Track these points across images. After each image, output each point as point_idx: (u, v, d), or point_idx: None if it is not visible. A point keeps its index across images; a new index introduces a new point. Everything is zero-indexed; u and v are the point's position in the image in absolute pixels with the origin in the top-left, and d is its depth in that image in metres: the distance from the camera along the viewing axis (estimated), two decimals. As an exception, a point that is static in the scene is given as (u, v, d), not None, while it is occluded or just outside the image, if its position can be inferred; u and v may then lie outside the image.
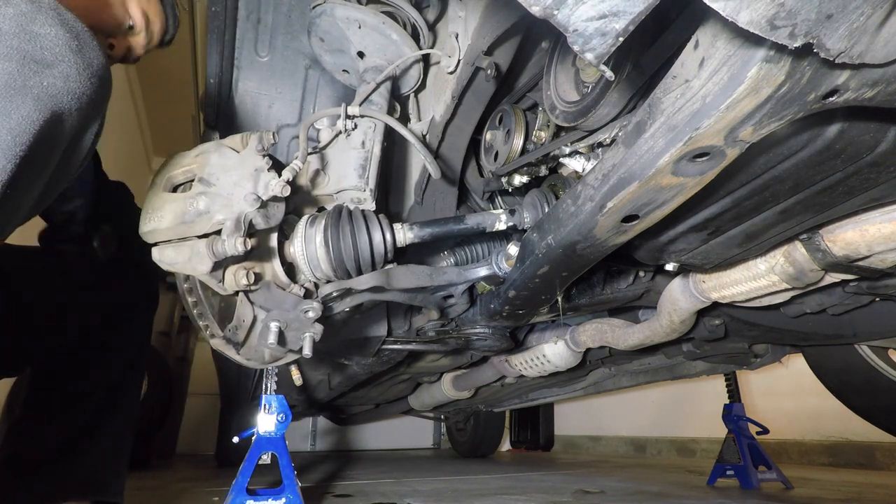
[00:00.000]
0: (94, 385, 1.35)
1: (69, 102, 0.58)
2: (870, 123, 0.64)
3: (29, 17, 0.56)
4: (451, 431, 4.38)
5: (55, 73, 0.57)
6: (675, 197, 0.71)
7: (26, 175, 0.56)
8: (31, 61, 0.55)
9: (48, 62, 0.56)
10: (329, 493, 2.00)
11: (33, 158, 0.56)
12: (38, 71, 0.55)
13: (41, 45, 0.56)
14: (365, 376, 1.90)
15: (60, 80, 0.57)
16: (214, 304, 0.96)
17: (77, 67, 0.59)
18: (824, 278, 1.04)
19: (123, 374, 1.40)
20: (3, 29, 0.54)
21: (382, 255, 1.02)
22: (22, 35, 0.55)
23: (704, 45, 0.53)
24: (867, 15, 0.40)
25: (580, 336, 1.66)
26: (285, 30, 1.32)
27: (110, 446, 1.35)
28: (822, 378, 1.93)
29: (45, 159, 0.60)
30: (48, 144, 0.58)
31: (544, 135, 1.09)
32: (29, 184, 0.59)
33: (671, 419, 4.10)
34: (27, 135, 0.54)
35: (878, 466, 2.98)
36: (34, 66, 0.55)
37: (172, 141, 5.42)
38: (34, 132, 0.55)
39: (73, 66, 0.58)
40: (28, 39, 0.55)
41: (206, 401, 4.25)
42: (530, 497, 1.92)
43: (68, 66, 0.58)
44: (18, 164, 0.54)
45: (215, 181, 0.86)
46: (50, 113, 0.56)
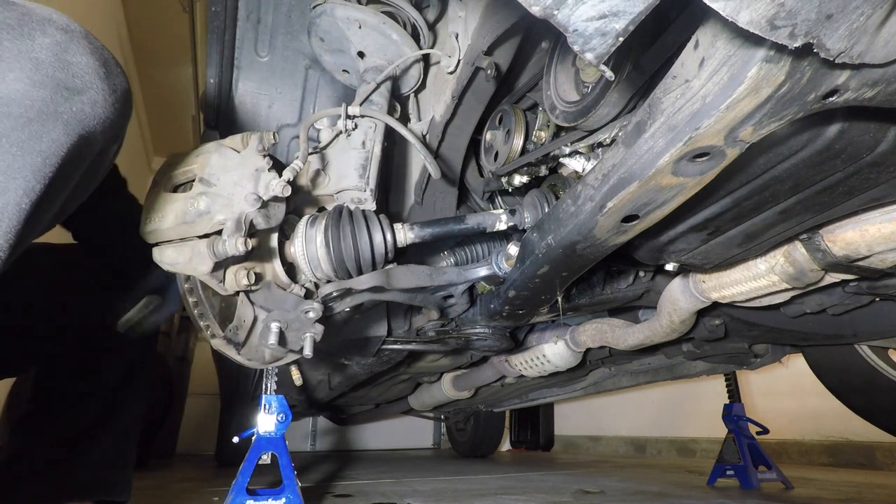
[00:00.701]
0: (98, 384, 1.35)
1: (95, 126, 0.62)
2: (870, 123, 0.64)
3: (63, 46, 0.60)
4: (451, 431, 4.38)
5: (84, 99, 0.61)
6: (675, 197, 0.71)
7: (52, 193, 0.60)
8: (63, 88, 0.59)
9: (78, 89, 0.60)
10: (329, 493, 2.00)
11: (59, 178, 0.60)
12: (68, 98, 0.59)
13: (73, 73, 0.60)
14: (365, 376, 1.90)
15: (88, 105, 0.61)
16: (215, 305, 0.96)
17: (104, 94, 0.63)
18: (824, 278, 1.04)
19: (128, 373, 1.39)
20: (41, 58, 0.58)
21: (383, 255, 1.02)
22: (57, 64, 0.59)
23: (704, 45, 0.53)
24: (867, 15, 0.40)
25: (580, 336, 1.66)
26: (285, 30, 1.32)
27: (115, 444, 1.35)
28: (822, 378, 1.93)
29: (70, 178, 0.64)
30: (74, 165, 0.62)
31: (544, 135, 1.09)
32: (53, 201, 0.62)
33: (671, 419, 4.10)
34: (56, 157, 0.58)
35: (878, 466, 2.98)
36: (66, 93, 0.59)
37: (172, 141, 5.43)
38: (62, 155, 0.59)
39: (100, 93, 0.62)
40: (62, 68, 0.59)
41: (206, 401, 4.25)
42: (530, 497, 1.92)
43: (96, 93, 0.62)
44: (47, 185, 0.58)
45: (216, 181, 0.86)
46: (78, 136, 0.60)
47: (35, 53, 0.58)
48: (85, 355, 1.35)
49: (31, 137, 0.56)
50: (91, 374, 1.35)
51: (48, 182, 0.58)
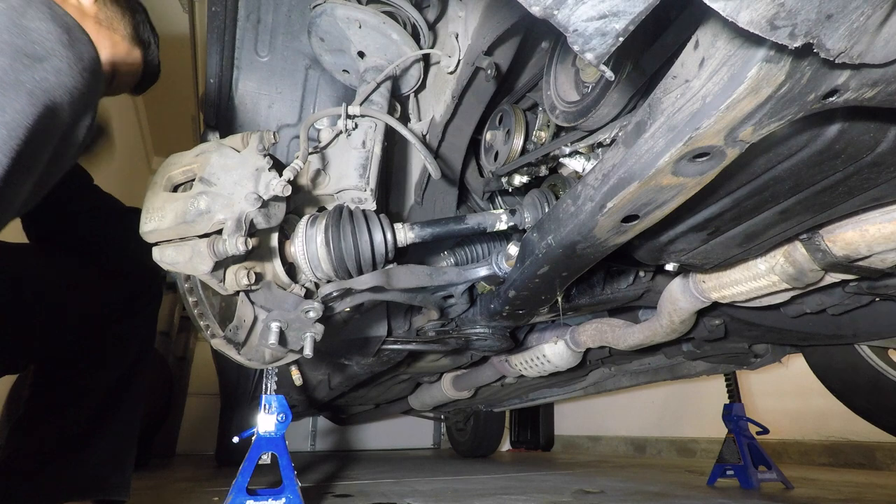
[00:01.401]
0: (97, 382, 1.34)
1: (61, 96, 0.59)
2: (870, 123, 0.64)
3: (20, 11, 0.56)
4: (451, 431, 4.39)
5: (47, 67, 0.57)
6: (675, 197, 0.71)
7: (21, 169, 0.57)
8: (22, 56, 0.55)
9: (40, 56, 0.57)
10: (329, 493, 2.00)
11: (27, 152, 0.57)
12: (30, 65, 0.56)
13: (32, 39, 0.56)
14: (365, 376, 1.90)
15: (52, 74, 0.58)
16: (215, 304, 0.96)
17: (68, 61, 0.59)
18: (824, 278, 1.04)
19: (127, 371, 1.39)
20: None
21: (383, 255, 1.03)
22: (13, 29, 0.55)
23: (704, 45, 0.53)
24: (867, 15, 0.40)
25: (580, 336, 1.66)
26: (285, 30, 1.32)
27: (114, 444, 1.34)
28: (823, 379, 1.93)
29: (39, 153, 0.60)
30: (41, 138, 0.59)
31: (544, 135, 1.10)
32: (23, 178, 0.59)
33: (671, 419, 4.10)
34: (21, 129, 0.55)
35: (879, 466, 2.98)
36: (26, 61, 0.55)
37: (172, 141, 5.43)
38: (28, 126, 0.55)
39: (64, 61, 0.59)
40: (19, 34, 0.56)
41: (206, 401, 4.25)
42: (530, 497, 1.92)
43: (60, 61, 0.58)
44: (13, 159, 0.55)
45: (216, 181, 0.86)
46: (43, 107, 0.57)
47: None
48: (83, 354, 1.34)
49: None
50: (89, 373, 1.34)
51: (15, 156, 0.55)
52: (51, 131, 0.60)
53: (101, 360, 1.36)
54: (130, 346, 1.41)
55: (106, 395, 1.35)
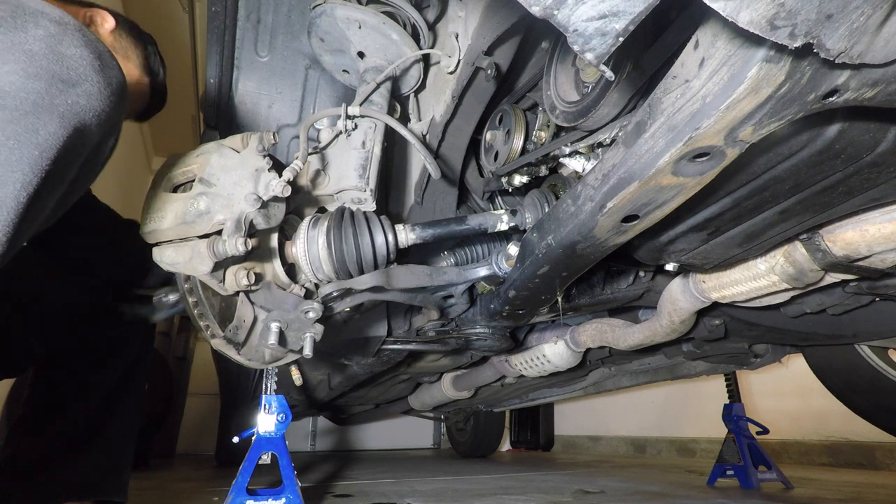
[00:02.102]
0: (96, 383, 1.35)
1: (90, 119, 0.62)
2: (870, 123, 0.64)
3: (57, 38, 0.59)
4: (451, 431, 4.39)
5: (79, 91, 0.60)
6: (675, 197, 0.71)
7: (48, 187, 0.60)
8: (58, 81, 0.58)
9: (73, 81, 0.60)
10: (329, 493, 2.00)
11: (56, 172, 0.59)
12: (63, 90, 0.59)
13: (68, 65, 0.60)
14: (365, 376, 1.90)
15: (84, 98, 0.61)
16: (215, 305, 0.96)
17: (99, 86, 0.62)
18: (824, 278, 1.04)
19: (127, 372, 1.39)
20: (34, 50, 0.57)
21: (385, 257, 1.03)
22: (51, 56, 0.58)
23: (704, 45, 0.53)
24: (867, 15, 0.40)
25: (580, 336, 1.66)
26: (285, 30, 1.32)
27: (113, 445, 1.34)
28: (823, 380, 1.93)
29: (66, 172, 0.63)
30: (69, 158, 0.61)
31: (544, 135, 1.09)
32: (50, 195, 0.62)
33: (671, 419, 4.10)
34: (52, 150, 0.58)
35: (879, 466, 2.98)
36: (61, 86, 0.58)
37: (172, 141, 5.43)
38: (58, 147, 0.58)
39: (95, 85, 0.62)
40: (56, 60, 0.59)
41: (206, 401, 4.25)
42: (530, 497, 1.92)
43: (91, 85, 0.61)
44: (43, 179, 0.58)
45: (216, 181, 0.86)
46: (73, 129, 0.60)
47: (28, 45, 0.57)
48: (82, 356, 1.34)
49: (27, 130, 0.56)
50: (88, 375, 1.35)
51: (45, 175, 0.58)
52: (78, 151, 0.63)
53: (100, 361, 1.36)
54: (129, 348, 1.41)
55: (105, 396, 1.35)
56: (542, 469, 3.13)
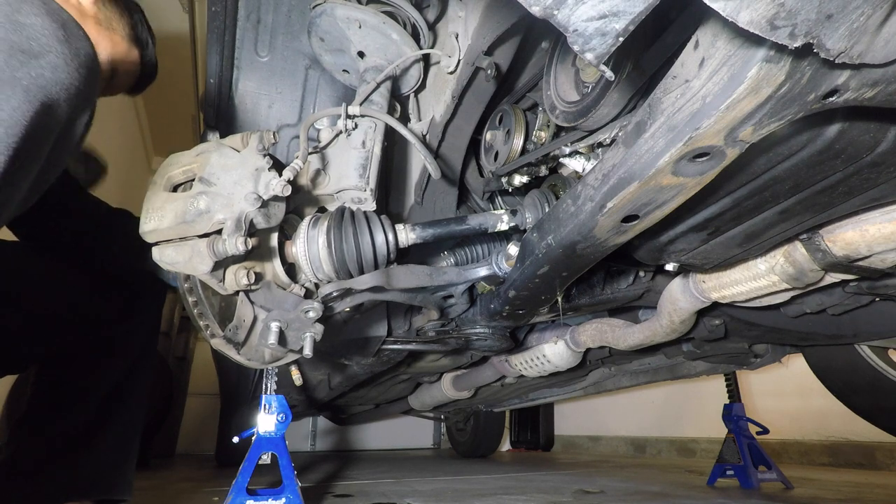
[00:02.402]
0: (98, 382, 1.34)
1: (58, 93, 0.58)
2: (870, 123, 0.64)
3: (14, 7, 0.56)
4: (451, 431, 4.39)
5: (43, 63, 0.57)
6: (675, 197, 0.71)
7: (19, 167, 0.56)
8: (18, 52, 0.55)
9: (35, 52, 0.56)
10: (329, 493, 2.00)
11: (26, 149, 0.56)
12: (25, 62, 0.55)
13: (28, 35, 0.56)
14: (365, 376, 1.90)
15: (49, 70, 0.57)
16: (215, 304, 0.96)
17: (65, 57, 0.59)
18: (824, 278, 1.04)
19: (130, 370, 1.38)
20: None
21: (385, 257, 1.03)
22: (8, 25, 0.55)
23: (704, 45, 0.53)
24: (867, 15, 0.40)
25: (580, 336, 1.66)
26: (285, 30, 1.32)
27: (116, 443, 1.34)
28: (824, 380, 1.93)
29: (37, 150, 0.60)
30: (39, 135, 0.58)
31: (544, 135, 1.09)
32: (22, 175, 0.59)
33: (671, 419, 4.10)
34: (19, 126, 0.54)
35: (879, 466, 2.98)
36: (21, 57, 0.55)
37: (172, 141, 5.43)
38: (25, 123, 0.55)
39: (60, 56, 0.58)
40: (14, 29, 0.55)
41: (206, 401, 4.25)
42: (530, 497, 1.92)
43: (56, 57, 0.58)
44: (11, 157, 0.54)
45: (216, 181, 0.86)
46: (40, 104, 0.56)
47: None
48: (83, 354, 1.34)
49: None
50: (90, 373, 1.34)
51: (13, 153, 0.54)
52: (48, 128, 0.60)
53: (101, 360, 1.36)
54: (132, 345, 1.40)
55: (107, 394, 1.34)
56: (542, 469, 3.14)
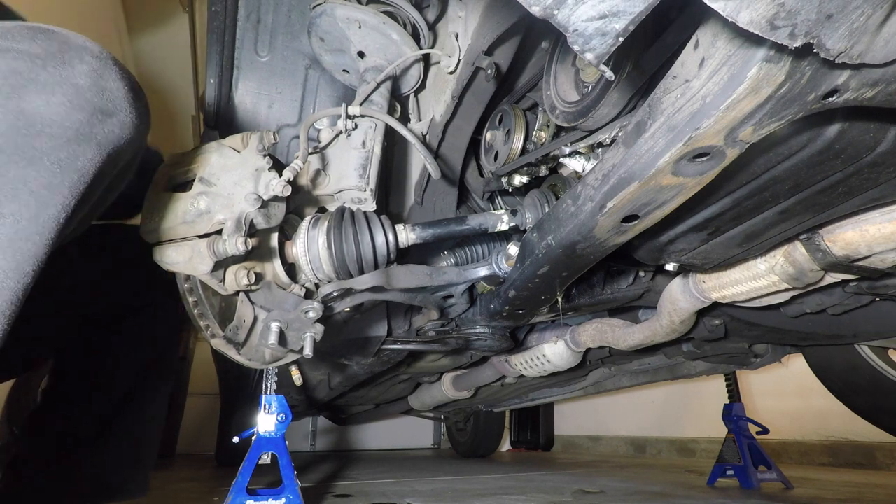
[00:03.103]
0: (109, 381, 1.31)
1: (122, 146, 0.68)
2: (870, 123, 0.64)
3: (100, 73, 0.66)
4: (451, 431, 4.38)
5: (115, 121, 0.66)
6: (675, 197, 0.71)
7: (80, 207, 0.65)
8: (98, 112, 0.64)
9: (110, 112, 0.66)
10: (329, 493, 2.00)
11: (88, 194, 0.65)
12: (102, 120, 0.65)
13: (107, 97, 0.66)
14: (365, 376, 1.90)
15: (118, 127, 0.67)
16: (215, 304, 0.96)
17: (132, 116, 0.69)
18: (824, 278, 1.04)
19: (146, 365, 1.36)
20: (80, 84, 0.64)
21: (385, 257, 1.03)
22: (94, 89, 0.64)
23: (704, 45, 0.53)
24: (867, 15, 0.40)
25: (580, 336, 1.66)
26: (285, 30, 1.32)
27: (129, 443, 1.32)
28: (823, 380, 1.93)
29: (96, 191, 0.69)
30: (100, 180, 0.67)
31: (544, 135, 1.09)
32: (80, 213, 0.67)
33: (671, 419, 4.10)
34: (89, 175, 0.64)
35: (879, 466, 2.98)
36: (100, 116, 0.64)
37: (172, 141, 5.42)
38: (94, 172, 0.64)
39: (128, 116, 0.68)
40: (98, 93, 0.65)
41: (206, 401, 4.25)
42: (530, 497, 1.92)
43: (125, 116, 0.68)
44: (78, 200, 0.63)
45: (216, 181, 0.86)
46: (107, 156, 0.66)
47: (75, 79, 0.63)
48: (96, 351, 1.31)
49: (69, 157, 0.61)
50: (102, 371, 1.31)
51: (80, 197, 0.63)
52: (108, 174, 0.69)
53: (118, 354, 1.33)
54: (146, 340, 1.37)
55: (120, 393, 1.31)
56: (542, 469, 3.14)
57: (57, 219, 0.61)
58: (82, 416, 1.28)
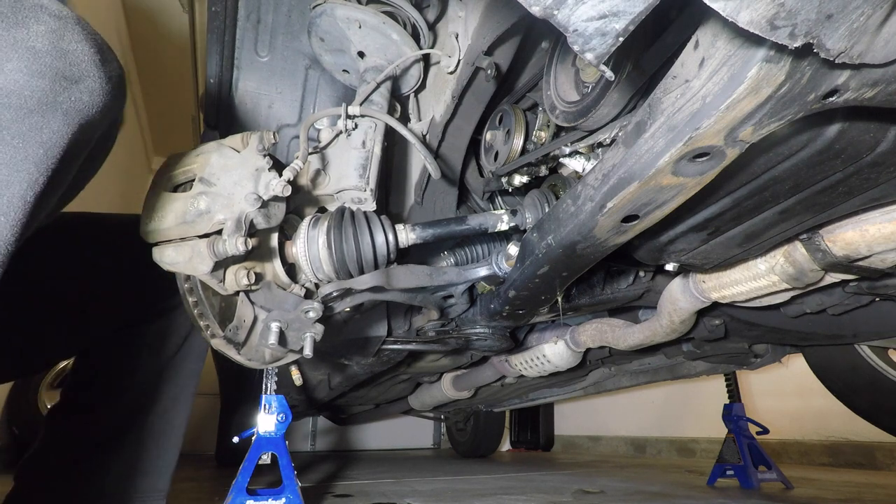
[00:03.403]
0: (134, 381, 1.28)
1: (94, 115, 0.61)
2: (870, 123, 0.64)
3: (59, 34, 0.58)
4: (451, 431, 4.39)
5: (82, 88, 0.59)
6: (675, 197, 0.71)
7: (54, 185, 0.59)
8: (61, 78, 0.57)
9: (76, 78, 0.59)
10: (329, 493, 2.00)
11: (61, 168, 0.59)
12: (67, 87, 0.58)
13: (70, 61, 0.58)
14: (365, 376, 1.90)
15: (87, 94, 0.60)
16: (215, 304, 0.96)
17: (101, 82, 0.61)
18: (824, 278, 1.04)
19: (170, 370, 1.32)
20: (37, 47, 0.56)
21: (385, 257, 1.03)
22: (54, 53, 0.57)
23: (704, 45, 0.53)
24: (867, 15, 0.40)
25: (580, 336, 1.66)
26: (285, 30, 1.32)
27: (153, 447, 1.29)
28: (823, 379, 1.93)
29: (71, 167, 0.63)
30: (74, 154, 0.61)
31: (544, 135, 1.09)
32: (54, 192, 0.61)
33: (671, 419, 4.10)
34: (58, 148, 0.57)
35: (878, 466, 2.98)
36: (64, 83, 0.57)
37: (172, 141, 5.43)
38: (63, 145, 0.58)
39: (97, 81, 0.61)
40: (59, 57, 0.57)
41: (206, 401, 4.24)
42: (530, 497, 1.92)
43: (93, 82, 0.60)
44: (49, 177, 0.57)
45: (216, 181, 0.86)
46: (77, 126, 0.59)
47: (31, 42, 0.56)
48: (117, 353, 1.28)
49: (32, 129, 0.55)
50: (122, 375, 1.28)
51: (51, 174, 0.57)
52: (81, 147, 0.63)
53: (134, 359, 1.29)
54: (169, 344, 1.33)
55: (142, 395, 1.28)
56: (542, 469, 3.14)
57: (24, 198, 0.55)
58: (99, 419, 1.25)
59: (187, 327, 1.35)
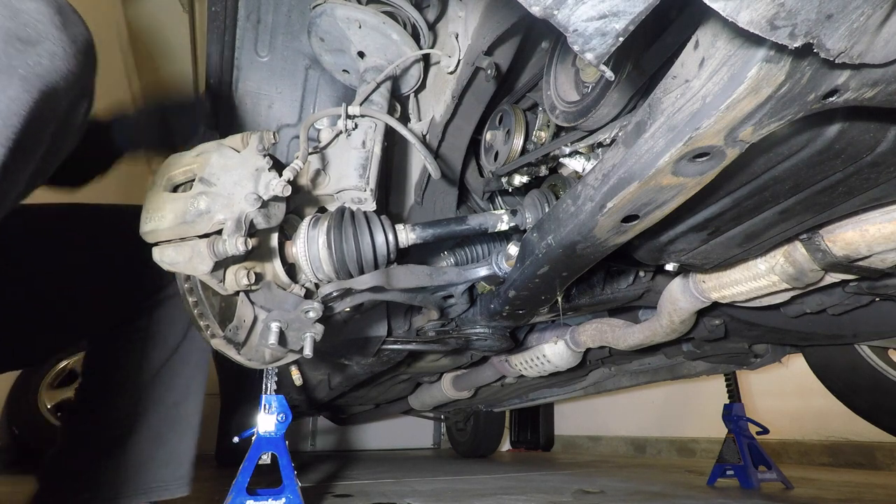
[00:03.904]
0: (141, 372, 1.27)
1: (57, 81, 0.56)
2: (870, 123, 0.64)
3: None
4: (451, 431, 4.39)
5: (40, 51, 0.54)
6: (675, 197, 0.71)
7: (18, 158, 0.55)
8: (14, 39, 0.52)
9: (32, 40, 0.54)
10: (329, 493, 2.00)
11: (24, 141, 0.54)
12: (22, 50, 0.53)
13: (24, 21, 0.53)
14: (365, 376, 1.90)
15: (46, 58, 0.55)
16: (215, 304, 0.96)
17: (63, 45, 0.56)
18: (824, 278, 1.04)
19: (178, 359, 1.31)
20: None
21: (385, 257, 1.03)
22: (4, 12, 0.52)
23: (704, 45, 0.53)
24: (867, 15, 0.40)
25: (580, 336, 1.66)
26: (285, 30, 1.32)
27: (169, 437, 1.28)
28: (823, 379, 1.93)
29: (36, 141, 0.58)
30: (38, 126, 0.56)
31: (544, 135, 1.09)
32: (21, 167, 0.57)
33: (671, 419, 4.10)
34: (17, 117, 0.52)
35: (878, 466, 2.98)
36: (18, 45, 0.53)
37: (172, 141, 5.41)
38: (23, 114, 0.53)
39: (58, 44, 0.56)
40: (10, 16, 0.52)
41: (206, 401, 4.24)
42: (530, 497, 1.92)
43: (54, 44, 0.55)
44: (10, 149, 0.53)
45: (216, 181, 0.86)
46: (38, 93, 0.54)
47: None
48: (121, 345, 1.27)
49: None
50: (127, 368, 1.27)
51: (12, 145, 0.52)
52: (48, 118, 0.58)
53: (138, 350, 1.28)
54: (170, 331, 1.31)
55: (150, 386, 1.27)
56: (542, 469, 3.14)
57: None
58: (111, 416, 1.24)
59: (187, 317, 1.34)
